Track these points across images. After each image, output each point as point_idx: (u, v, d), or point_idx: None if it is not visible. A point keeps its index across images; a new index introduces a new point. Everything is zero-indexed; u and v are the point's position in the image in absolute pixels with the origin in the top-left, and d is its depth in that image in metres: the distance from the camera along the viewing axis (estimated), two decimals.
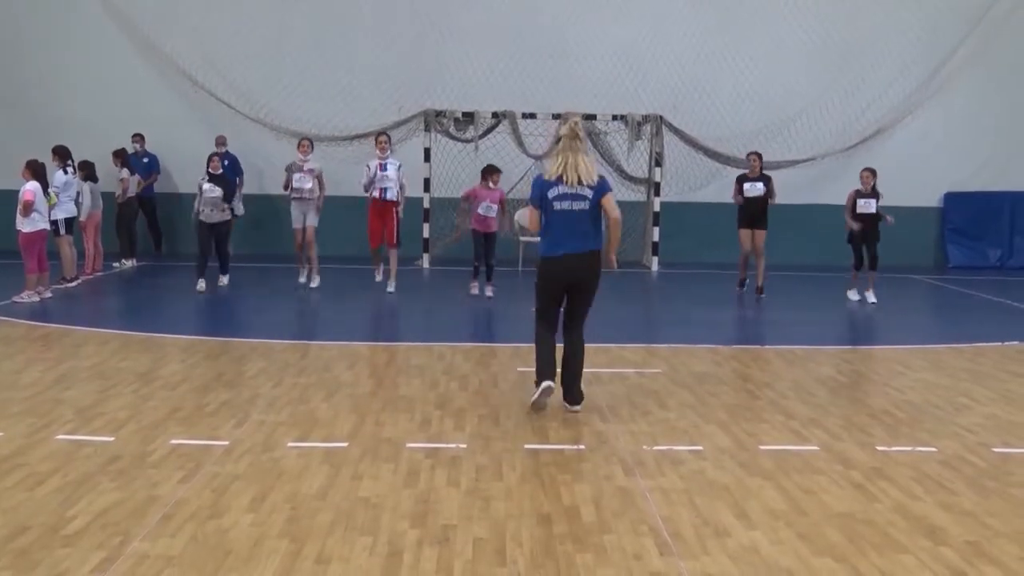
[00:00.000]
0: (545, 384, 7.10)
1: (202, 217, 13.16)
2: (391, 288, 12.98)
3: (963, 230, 17.96)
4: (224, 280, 13.44)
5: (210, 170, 13.26)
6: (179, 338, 9.79)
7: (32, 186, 11.77)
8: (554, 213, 7.05)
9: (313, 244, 13.42)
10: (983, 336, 10.75)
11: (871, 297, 13.12)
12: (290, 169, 13.40)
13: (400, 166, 12.99)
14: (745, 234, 13.40)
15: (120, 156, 15.11)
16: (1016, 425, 7.15)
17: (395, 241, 13.01)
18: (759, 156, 13.60)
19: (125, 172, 15.12)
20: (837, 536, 4.92)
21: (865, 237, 13.02)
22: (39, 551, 4.52)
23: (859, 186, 13.15)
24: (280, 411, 7.10)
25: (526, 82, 16.59)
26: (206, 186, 13.15)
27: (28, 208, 11.72)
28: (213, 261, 13.27)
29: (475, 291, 12.93)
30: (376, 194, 12.88)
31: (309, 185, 13.27)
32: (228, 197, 13.32)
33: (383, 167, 12.82)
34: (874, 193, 13.01)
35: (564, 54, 16.74)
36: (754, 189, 13.27)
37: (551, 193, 7.03)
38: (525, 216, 7.41)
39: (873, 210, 12.92)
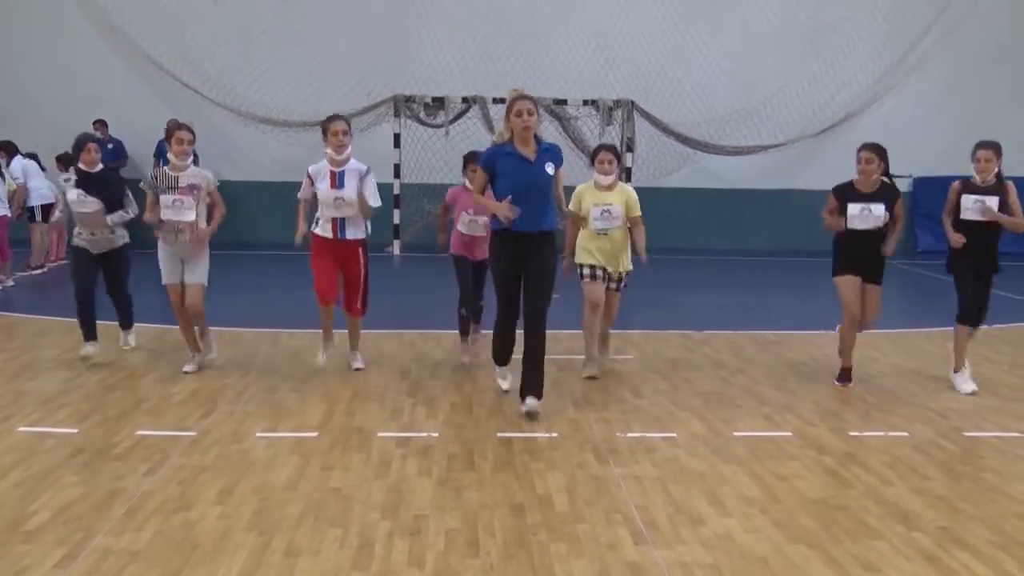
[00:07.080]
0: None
1: (80, 241, 8.02)
2: (358, 364, 7.99)
3: (932, 215, 17.95)
4: (130, 340, 8.67)
5: (82, 165, 7.88)
6: (146, 327, 9.61)
7: None
8: None
9: (200, 309, 7.74)
10: (953, 321, 10.75)
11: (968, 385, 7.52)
12: (154, 186, 7.56)
13: (368, 170, 7.42)
14: (849, 283, 7.46)
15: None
16: (987, 409, 7.19)
17: (361, 305, 7.84)
18: (880, 153, 7.34)
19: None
20: (811, 523, 4.90)
21: (979, 263, 7.38)
22: None
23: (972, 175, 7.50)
24: (249, 401, 7.00)
25: (496, 67, 16.46)
26: (72, 194, 7.88)
27: None
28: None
29: (466, 359, 8.23)
30: (326, 230, 7.42)
31: (191, 217, 7.48)
32: (112, 207, 7.91)
33: (337, 180, 7.31)
34: (999, 185, 7.32)
35: (535, 39, 16.67)
36: (868, 217, 7.26)
37: None
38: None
39: (992, 211, 7.24)
